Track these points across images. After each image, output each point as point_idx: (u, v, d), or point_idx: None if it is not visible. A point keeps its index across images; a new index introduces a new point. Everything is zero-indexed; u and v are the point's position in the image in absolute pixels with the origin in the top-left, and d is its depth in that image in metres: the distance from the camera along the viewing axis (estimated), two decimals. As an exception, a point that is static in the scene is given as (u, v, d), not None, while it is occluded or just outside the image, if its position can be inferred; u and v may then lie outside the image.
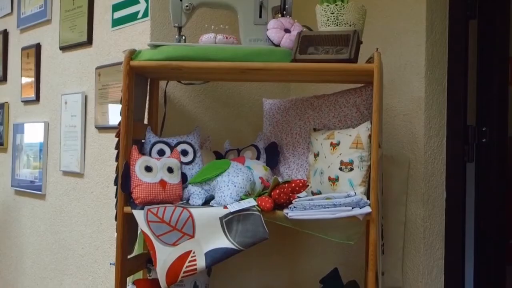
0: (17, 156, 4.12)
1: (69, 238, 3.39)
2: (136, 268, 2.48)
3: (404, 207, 2.48)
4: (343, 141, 2.20)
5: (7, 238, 4.17)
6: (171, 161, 2.33)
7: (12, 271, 4.07)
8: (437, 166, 2.48)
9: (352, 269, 2.51)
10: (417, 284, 2.45)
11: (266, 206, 2.14)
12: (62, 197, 3.49)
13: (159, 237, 2.16)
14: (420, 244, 2.45)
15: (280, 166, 2.50)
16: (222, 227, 2.16)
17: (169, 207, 2.18)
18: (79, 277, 3.28)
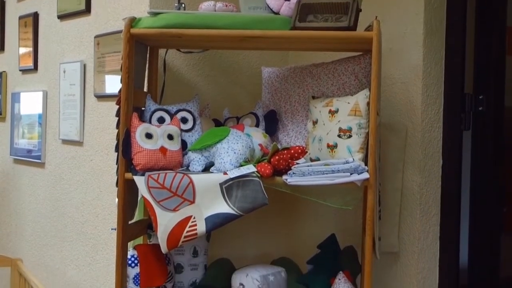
0: (15, 125, 4.14)
1: (69, 205, 3.42)
2: (136, 234, 2.51)
3: (401, 174, 2.52)
4: (342, 109, 2.23)
5: (7, 206, 4.20)
6: (171, 128, 2.35)
7: (12, 239, 4.11)
8: (434, 134, 2.51)
9: (349, 235, 2.55)
10: (413, 249, 2.49)
11: (266, 172, 2.17)
12: (62, 166, 3.51)
13: (160, 203, 2.19)
14: (416, 210, 2.48)
15: (279, 133, 2.52)
16: (222, 193, 2.18)
17: (170, 173, 2.21)
18: (79, 243, 3.32)
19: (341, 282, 2.31)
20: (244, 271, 2.27)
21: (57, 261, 3.51)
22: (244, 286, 2.23)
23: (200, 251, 2.53)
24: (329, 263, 2.43)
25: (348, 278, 2.33)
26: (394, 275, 2.52)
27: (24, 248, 3.92)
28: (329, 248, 2.49)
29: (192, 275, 2.51)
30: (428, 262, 2.50)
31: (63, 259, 3.45)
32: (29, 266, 3.78)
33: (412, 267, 2.48)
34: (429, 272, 2.50)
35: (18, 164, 4.08)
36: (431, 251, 2.52)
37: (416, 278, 2.47)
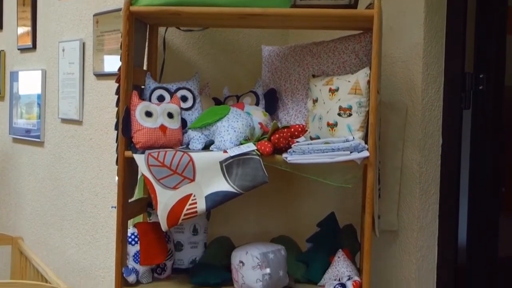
0: (14, 104, 4.13)
1: (69, 184, 3.43)
2: (136, 212, 2.52)
3: (401, 152, 2.52)
4: (342, 87, 2.22)
5: (6, 185, 4.21)
6: (171, 107, 2.35)
7: (12, 217, 4.12)
8: (434, 112, 2.51)
9: (349, 214, 2.56)
10: (412, 227, 2.49)
11: (266, 151, 2.17)
12: (61, 144, 3.51)
13: (160, 181, 2.20)
14: (415, 189, 2.49)
15: (279, 112, 2.52)
16: (222, 171, 2.19)
17: (170, 152, 2.21)
18: (79, 222, 3.33)
19: (341, 260, 2.32)
20: (244, 248, 2.28)
21: (57, 239, 3.52)
22: (244, 263, 2.23)
23: (200, 229, 2.54)
24: (328, 241, 2.44)
25: (347, 256, 2.34)
26: (393, 253, 2.53)
27: (24, 227, 3.93)
28: (328, 226, 2.50)
29: (192, 253, 2.51)
30: (427, 240, 2.51)
31: (63, 237, 3.46)
32: (29, 244, 3.79)
33: (411, 245, 2.49)
34: (428, 250, 2.52)
35: (17, 143, 4.08)
36: (430, 230, 2.52)
37: (415, 256, 2.48)
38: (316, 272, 2.37)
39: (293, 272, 2.38)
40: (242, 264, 2.25)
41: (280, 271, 2.26)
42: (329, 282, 2.28)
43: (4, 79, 4.30)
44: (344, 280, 2.22)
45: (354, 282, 2.18)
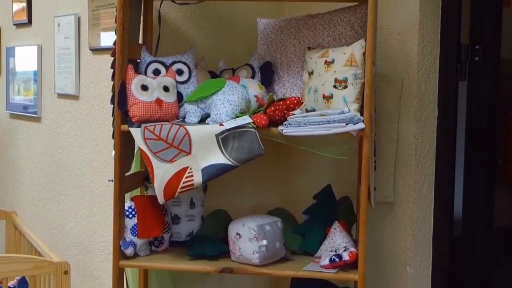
0: (11, 80, 4.12)
1: (66, 159, 3.44)
2: (133, 186, 2.53)
3: (397, 124, 2.52)
4: (337, 59, 2.22)
5: (4, 161, 4.22)
6: (167, 80, 2.35)
7: (10, 193, 4.14)
8: (430, 84, 2.51)
9: (345, 186, 2.57)
10: (407, 199, 2.51)
11: (261, 123, 2.18)
12: (58, 120, 3.51)
13: (156, 154, 2.20)
14: (411, 160, 2.50)
15: (275, 85, 2.52)
16: (218, 143, 2.19)
17: (166, 125, 2.22)
18: (76, 197, 3.34)
19: (337, 231, 2.34)
20: (240, 221, 2.29)
21: (55, 214, 3.54)
22: (240, 235, 2.25)
23: (197, 202, 2.55)
24: (324, 213, 2.46)
25: (343, 228, 2.36)
26: (389, 225, 2.55)
27: (22, 202, 3.95)
28: (324, 198, 2.51)
29: (189, 225, 2.53)
30: (422, 211, 2.53)
31: (61, 212, 3.48)
32: (27, 219, 3.81)
33: (407, 216, 2.51)
34: (424, 222, 2.53)
35: (14, 119, 4.08)
36: (426, 201, 2.54)
37: (410, 228, 2.50)
38: (313, 243, 2.39)
39: (289, 244, 2.40)
40: (239, 236, 2.26)
41: (276, 242, 2.28)
42: (326, 253, 2.29)
43: (0, 55, 4.29)
44: (341, 251, 2.23)
45: (350, 253, 2.19)
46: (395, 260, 2.54)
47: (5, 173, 4.22)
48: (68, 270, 2.63)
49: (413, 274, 2.51)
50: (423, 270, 2.55)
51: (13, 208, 3.83)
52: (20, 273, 2.75)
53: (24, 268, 2.61)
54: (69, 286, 2.63)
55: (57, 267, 2.61)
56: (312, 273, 2.22)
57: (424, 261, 2.55)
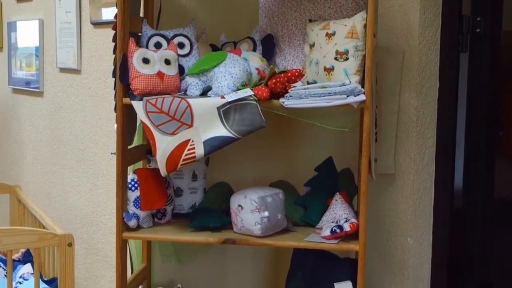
0: (12, 55, 4.13)
1: (69, 133, 3.45)
2: (136, 159, 2.54)
3: (398, 97, 2.53)
4: (339, 31, 2.22)
5: (7, 136, 4.24)
6: (168, 53, 2.35)
7: (13, 167, 4.16)
8: (431, 56, 2.51)
9: (346, 158, 2.58)
10: (408, 170, 2.52)
11: (263, 95, 2.18)
12: (60, 94, 3.52)
13: (158, 127, 2.21)
14: (412, 132, 2.50)
15: (276, 57, 2.52)
16: (219, 116, 2.20)
17: (168, 98, 2.22)
18: (80, 170, 3.36)
19: (338, 203, 2.36)
20: (242, 193, 2.31)
21: (59, 188, 3.56)
22: (242, 207, 2.27)
23: (199, 175, 2.57)
24: (326, 184, 2.47)
25: (344, 199, 2.37)
26: (389, 196, 2.57)
27: (26, 176, 3.97)
28: (326, 170, 2.53)
29: (191, 198, 2.55)
30: (423, 183, 2.54)
31: (64, 186, 3.50)
32: (31, 193, 3.84)
33: (408, 188, 2.52)
34: (424, 193, 2.55)
35: (17, 94, 4.09)
36: (427, 173, 2.55)
37: (411, 199, 2.52)
38: (314, 215, 2.41)
39: (291, 215, 2.42)
40: (241, 208, 2.28)
41: (278, 214, 2.30)
42: (327, 224, 2.31)
43: (1, 30, 4.28)
44: (342, 222, 2.25)
45: (351, 224, 2.21)
46: (395, 231, 2.56)
47: (8, 148, 4.24)
48: (72, 242, 2.65)
49: (414, 245, 2.53)
50: (423, 241, 2.57)
51: (17, 183, 3.86)
52: (24, 245, 2.77)
53: (28, 241, 2.64)
54: (73, 258, 2.66)
55: (61, 240, 2.64)
56: (313, 243, 2.24)
57: (425, 232, 2.57)
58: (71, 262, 2.66)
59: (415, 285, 2.55)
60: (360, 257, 2.18)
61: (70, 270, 2.66)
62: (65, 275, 2.65)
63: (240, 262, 2.79)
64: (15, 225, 3.62)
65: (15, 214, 3.60)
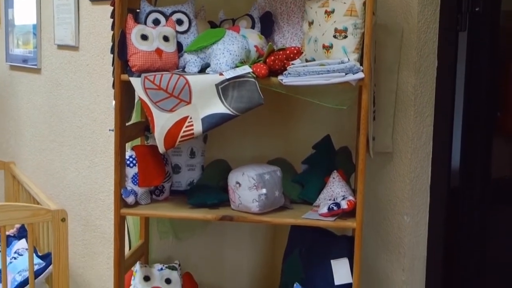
0: (10, 32, 4.11)
1: (67, 110, 3.45)
2: (134, 135, 2.54)
3: (396, 75, 2.53)
4: (338, 9, 2.21)
5: (5, 113, 4.23)
6: (167, 30, 2.35)
7: (11, 144, 4.16)
8: (430, 35, 2.51)
9: (344, 136, 2.58)
10: (406, 149, 2.53)
11: (261, 73, 2.18)
12: (58, 71, 3.52)
13: (157, 104, 2.21)
14: (410, 111, 2.51)
15: (275, 35, 2.51)
16: (218, 93, 2.20)
17: (166, 75, 2.22)
18: (77, 147, 3.36)
19: (335, 180, 2.37)
20: (240, 170, 2.31)
21: (57, 165, 3.57)
22: (240, 184, 2.28)
23: (197, 152, 2.58)
24: (323, 162, 2.48)
25: (342, 177, 2.38)
26: (387, 174, 2.58)
27: (23, 154, 3.97)
28: (324, 148, 2.53)
29: (189, 175, 2.56)
30: (420, 162, 2.55)
31: (62, 163, 3.51)
32: (29, 171, 3.84)
33: (405, 166, 2.53)
34: (422, 172, 2.56)
35: (15, 70, 4.08)
36: (424, 152, 2.56)
37: (408, 177, 2.53)
38: (311, 192, 2.42)
39: (288, 193, 2.43)
40: (238, 185, 2.29)
41: (276, 191, 2.30)
42: (324, 202, 2.32)
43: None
44: (339, 200, 2.26)
45: (349, 201, 2.22)
46: (392, 209, 2.57)
47: (6, 125, 4.23)
48: (66, 217, 2.66)
49: (410, 223, 2.55)
50: (420, 219, 2.58)
51: (14, 160, 3.86)
52: (18, 220, 2.79)
53: (21, 216, 2.65)
54: (66, 233, 2.67)
55: (54, 215, 2.65)
56: (310, 221, 2.25)
57: (422, 211, 2.58)
58: (64, 237, 2.67)
59: (411, 263, 2.57)
60: (357, 234, 2.19)
61: (64, 245, 2.68)
62: (59, 250, 2.67)
63: (237, 239, 2.80)
64: (9, 201, 3.63)
65: (10, 190, 3.61)
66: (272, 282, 2.74)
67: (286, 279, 2.53)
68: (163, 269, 2.62)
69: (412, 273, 2.58)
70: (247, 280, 2.83)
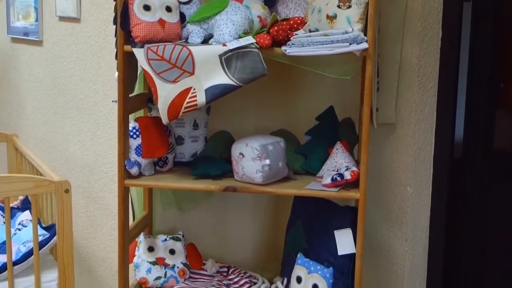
0: (11, 3, 4.08)
1: (69, 82, 3.44)
2: (137, 107, 2.54)
3: (400, 46, 2.51)
4: (342, -22, 2.20)
5: (7, 86, 4.22)
6: (169, 0, 2.33)
7: (13, 117, 4.16)
8: (434, 4, 2.49)
9: (347, 108, 2.58)
10: (409, 120, 2.52)
11: (265, 43, 2.17)
12: (60, 43, 3.50)
13: (160, 75, 2.21)
14: (414, 82, 2.50)
15: (278, 5, 2.49)
16: (221, 64, 2.19)
17: (169, 45, 2.21)
18: (80, 120, 3.36)
19: (339, 151, 2.37)
20: (244, 141, 2.31)
21: (59, 137, 3.56)
22: (243, 155, 2.28)
23: (201, 124, 2.58)
24: (327, 133, 2.48)
25: (345, 148, 2.38)
26: (390, 145, 2.58)
27: (25, 126, 3.97)
28: (327, 120, 2.53)
29: (192, 146, 2.56)
30: (424, 133, 2.55)
31: (65, 135, 3.51)
32: (31, 143, 3.84)
33: (408, 137, 2.53)
34: (425, 143, 2.56)
35: (16, 43, 4.06)
36: (428, 123, 2.56)
37: (412, 149, 2.53)
38: (315, 163, 2.42)
39: (292, 164, 2.43)
40: (242, 156, 2.29)
41: (279, 162, 2.31)
42: (328, 172, 2.33)
43: (-1, -22, 4.23)
44: (342, 171, 2.26)
45: (352, 172, 2.22)
46: (395, 180, 2.58)
47: (8, 98, 4.23)
48: (69, 188, 2.67)
49: (413, 194, 2.56)
50: (423, 190, 2.59)
51: (17, 132, 3.85)
52: (21, 192, 2.79)
53: (25, 188, 2.65)
54: (70, 204, 2.68)
55: (57, 186, 2.65)
56: (314, 191, 2.26)
57: (424, 182, 2.59)
58: (68, 208, 2.68)
59: (414, 233, 2.58)
60: (361, 205, 2.19)
61: (67, 216, 2.68)
62: (63, 221, 2.68)
63: (241, 210, 2.81)
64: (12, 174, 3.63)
65: (13, 162, 3.61)
66: (275, 252, 2.76)
67: (289, 249, 2.54)
68: (167, 240, 2.63)
69: (415, 243, 2.59)
70: (250, 251, 2.84)
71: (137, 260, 2.58)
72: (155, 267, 2.57)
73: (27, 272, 2.73)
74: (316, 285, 2.31)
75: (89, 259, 3.42)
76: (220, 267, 2.71)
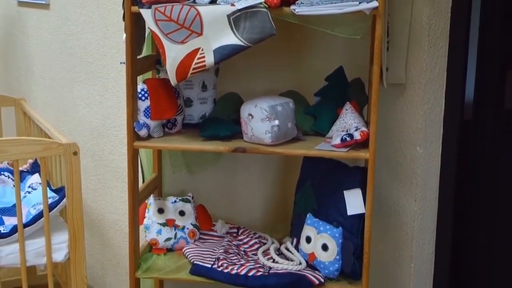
0: (17, -33, 4.05)
1: (77, 46, 3.43)
2: (145, 69, 2.53)
3: (410, 5, 2.47)
4: None
5: (14, 51, 4.21)
6: (177, -40, 2.30)
7: (22, 82, 4.16)
8: (445, -37, 2.46)
9: (357, 68, 2.56)
10: (419, 80, 2.50)
11: (274, 2, 2.15)
12: (67, 6, 3.48)
13: (168, 35, 2.19)
14: (424, 42, 2.47)
15: (287, -36, 2.47)
16: (229, 24, 2.18)
17: (177, 6, 2.19)
18: (89, 83, 3.36)
19: (348, 112, 2.36)
20: (252, 102, 2.30)
21: (68, 101, 3.57)
22: (253, 116, 2.27)
23: (209, 85, 2.57)
24: (336, 94, 2.46)
25: (355, 108, 2.37)
26: (400, 106, 2.56)
27: (34, 91, 3.97)
28: (336, 80, 2.51)
29: (201, 108, 2.55)
30: (434, 93, 2.53)
31: (73, 99, 3.51)
32: (40, 107, 3.85)
33: (418, 98, 2.51)
34: (435, 103, 2.54)
35: (23, 7, 4.04)
36: (438, 83, 2.54)
37: (422, 109, 2.51)
38: (324, 124, 2.41)
39: (301, 125, 2.43)
40: (251, 116, 2.28)
41: (288, 123, 2.30)
42: (337, 133, 2.32)
43: None
44: (352, 131, 2.26)
45: (362, 132, 2.21)
46: (405, 140, 2.57)
47: (15, 62, 4.22)
48: (77, 151, 2.67)
49: (423, 154, 2.55)
50: (432, 150, 2.58)
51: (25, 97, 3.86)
52: (30, 155, 2.80)
53: (33, 150, 2.66)
54: (78, 166, 2.69)
55: (66, 148, 2.66)
56: (323, 152, 2.26)
57: (434, 142, 2.58)
58: (77, 171, 2.69)
59: (423, 193, 2.58)
60: (370, 165, 2.19)
61: (76, 179, 2.69)
62: (72, 183, 2.69)
63: (250, 171, 2.82)
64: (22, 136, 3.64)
65: (21, 126, 3.61)
66: (285, 213, 2.77)
67: (299, 210, 2.55)
68: (176, 201, 2.64)
69: (424, 203, 2.59)
70: (260, 212, 2.85)
71: (147, 222, 2.60)
72: (165, 228, 2.58)
73: (37, 234, 2.75)
74: (325, 245, 2.32)
75: (99, 222, 3.45)
76: (229, 228, 2.73)
